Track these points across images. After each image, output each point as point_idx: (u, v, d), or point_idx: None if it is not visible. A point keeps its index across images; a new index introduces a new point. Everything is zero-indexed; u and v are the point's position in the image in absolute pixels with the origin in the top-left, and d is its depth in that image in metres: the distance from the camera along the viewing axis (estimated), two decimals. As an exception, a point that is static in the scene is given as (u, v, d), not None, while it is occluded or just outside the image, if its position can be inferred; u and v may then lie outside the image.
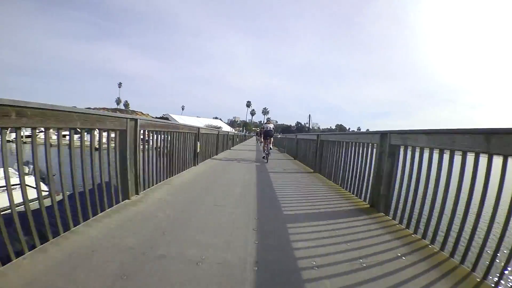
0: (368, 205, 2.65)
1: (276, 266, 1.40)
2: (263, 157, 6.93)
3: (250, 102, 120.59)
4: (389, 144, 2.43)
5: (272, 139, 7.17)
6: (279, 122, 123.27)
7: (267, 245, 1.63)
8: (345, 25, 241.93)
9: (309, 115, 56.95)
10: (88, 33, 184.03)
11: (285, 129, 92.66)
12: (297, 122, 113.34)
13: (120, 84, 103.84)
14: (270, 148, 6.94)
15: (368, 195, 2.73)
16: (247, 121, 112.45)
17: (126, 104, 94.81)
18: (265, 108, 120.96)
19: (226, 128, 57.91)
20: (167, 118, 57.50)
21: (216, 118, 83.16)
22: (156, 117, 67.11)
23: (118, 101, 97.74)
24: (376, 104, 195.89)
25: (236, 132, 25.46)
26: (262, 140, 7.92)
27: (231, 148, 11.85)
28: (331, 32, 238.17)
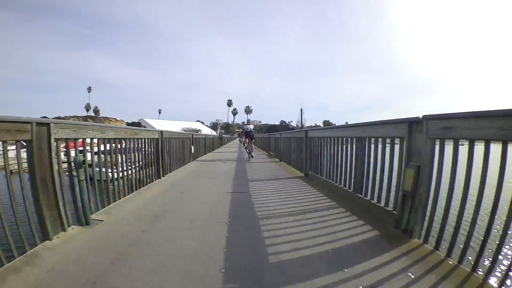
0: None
1: None
2: (247, 157, 7.82)
3: (231, 101, 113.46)
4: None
5: (253, 139, 8.25)
6: (263, 122, 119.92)
7: None
8: (322, 21, 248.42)
9: (301, 110, 45.67)
10: (67, 43, 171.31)
11: (270, 128, 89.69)
12: (281, 120, 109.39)
13: (89, 89, 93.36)
14: (252, 149, 7.93)
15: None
16: (230, 122, 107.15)
17: (96, 110, 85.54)
18: (247, 107, 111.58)
19: (206, 131, 55.62)
20: (139, 124, 54.57)
21: (198, 121, 79.47)
22: (127, 123, 63.87)
23: (87, 107, 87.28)
24: (359, 99, 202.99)
25: (215, 134, 24.13)
26: (244, 141, 8.96)
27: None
28: (311, 29, 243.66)
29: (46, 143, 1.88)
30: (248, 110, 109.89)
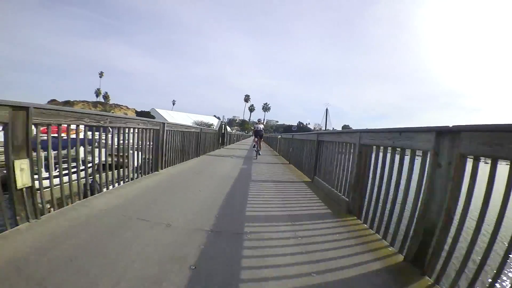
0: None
1: None
2: (255, 153, 8.35)
3: (248, 96, 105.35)
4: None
5: (262, 139, 9.01)
6: (280, 122, 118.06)
7: None
8: (345, 27, 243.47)
9: (326, 110, 33.71)
10: (90, 31, 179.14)
11: (287, 128, 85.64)
12: (299, 122, 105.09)
13: (101, 74, 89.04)
14: (260, 148, 8.48)
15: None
16: (245, 119, 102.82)
17: (106, 96, 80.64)
18: (265, 104, 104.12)
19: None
20: (148, 113, 55.24)
21: (215, 116, 77.07)
22: (137, 112, 63.61)
23: (97, 93, 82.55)
24: (376, 107, 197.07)
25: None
26: (254, 139, 9.38)
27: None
28: (333, 34, 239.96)
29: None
30: (266, 108, 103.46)
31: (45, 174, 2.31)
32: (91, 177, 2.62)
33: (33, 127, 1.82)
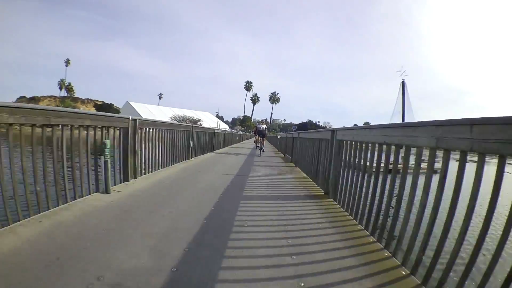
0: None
1: None
2: (258, 152, 9.78)
3: (250, 83, 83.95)
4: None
5: (265, 138, 10.26)
6: (287, 121, 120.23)
7: None
8: (349, 25, 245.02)
9: (403, 82, 27.99)
10: (90, 32, 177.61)
11: (302, 126, 74.38)
12: (309, 120, 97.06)
13: (68, 62, 74.32)
14: (263, 146, 9.91)
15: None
16: (248, 114, 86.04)
17: (69, 88, 67.95)
18: (273, 93, 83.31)
19: (210, 122, 50.87)
20: (111, 106, 49.72)
21: (217, 113, 69.46)
22: (96, 105, 57.95)
23: (61, 85, 68.88)
24: (382, 105, 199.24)
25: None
26: (257, 138, 10.45)
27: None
28: (336, 33, 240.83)
29: None
30: (274, 98, 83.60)
31: None
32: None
33: None
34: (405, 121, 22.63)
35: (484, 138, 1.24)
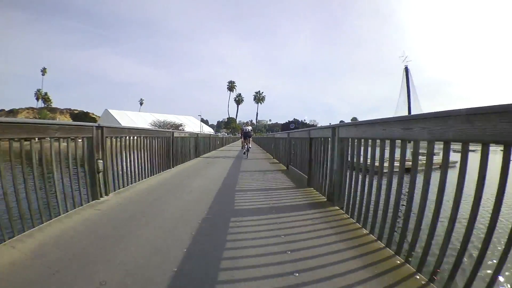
0: None
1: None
2: (244, 153, 9.94)
3: (233, 82, 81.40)
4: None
5: (251, 138, 10.46)
6: (273, 121, 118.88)
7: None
8: (331, 22, 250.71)
9: (406, 68, 23.34)
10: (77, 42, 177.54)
11: (285, 127, 72.62)
12: (294, 118, 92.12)
13: (44, 71, 71.99)
14: (250, 147, 10.19)
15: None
16: (231, 116, 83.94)
17: (46, 99, 66.61)
18: (258, 93, 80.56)
19: (193, 127, 50.83)
20: (87, 114, 50.65)
21: (201, 117, 67.03)
22: (71, 114, 57.79)
23: (37, 95, 68.44)
24: (367, 101, 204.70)
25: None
26: (243, 140, 10.70)
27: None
28: (319, 30, 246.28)
29: None
30: (259, 98, 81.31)
31: None
32: None
33: None
34: (412, 111, 21.40)
35: None
